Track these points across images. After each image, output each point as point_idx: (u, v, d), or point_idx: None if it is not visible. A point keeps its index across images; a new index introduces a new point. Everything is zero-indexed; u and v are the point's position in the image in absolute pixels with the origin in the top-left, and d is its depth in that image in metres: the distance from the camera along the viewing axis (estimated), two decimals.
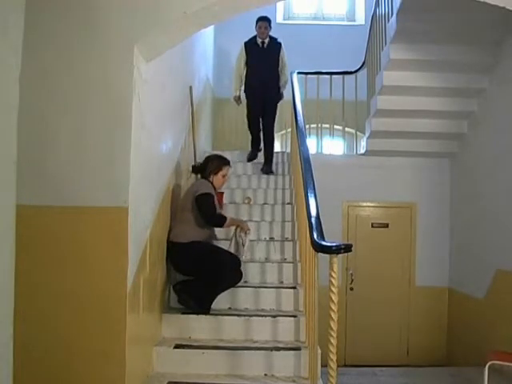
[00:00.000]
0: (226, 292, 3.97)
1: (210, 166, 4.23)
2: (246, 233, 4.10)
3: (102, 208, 2.72)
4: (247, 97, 6.31)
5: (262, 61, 6.15)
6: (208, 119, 7.35)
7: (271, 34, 6.26)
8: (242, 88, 6.35)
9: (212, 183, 4.18)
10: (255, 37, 6.24)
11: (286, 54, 6.25)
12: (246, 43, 6.29)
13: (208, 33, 7.06)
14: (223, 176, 4.24)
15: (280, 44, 6.24)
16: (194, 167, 4.48)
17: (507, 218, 5.04)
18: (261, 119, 6.26)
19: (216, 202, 4.11)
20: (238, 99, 6.40)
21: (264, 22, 6.15)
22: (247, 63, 6.26)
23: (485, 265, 5.49)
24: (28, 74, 2.70)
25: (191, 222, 3.98)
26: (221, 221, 4.05)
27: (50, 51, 2.74)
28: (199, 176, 4.36)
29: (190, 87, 5.07)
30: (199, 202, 3.96)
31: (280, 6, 8.50)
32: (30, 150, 2.70)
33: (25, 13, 2.69)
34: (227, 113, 7.99)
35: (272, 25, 6.25)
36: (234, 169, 6.25)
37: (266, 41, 6.20)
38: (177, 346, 3.51)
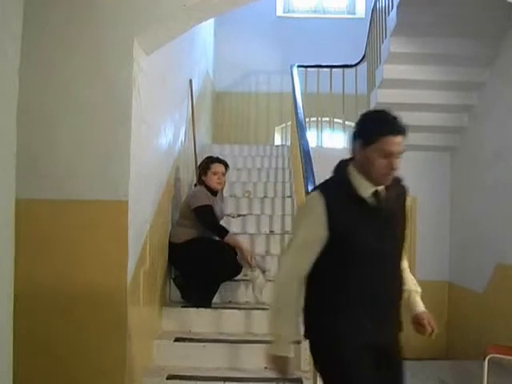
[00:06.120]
0: (226, 286, 3.98)
1: (200, 168, 4.22)
2: (249, 262, 3.81)
3: (102, 202, 2.71)
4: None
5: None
6: (208, 113, 7.33)
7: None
8: None
9: (207, 185, 4.11)
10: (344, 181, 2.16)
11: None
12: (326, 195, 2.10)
13: (208, 26, 7.03)
14: (214, 174, 4.10)
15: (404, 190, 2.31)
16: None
17: (508, 212, 5.03)
18: None
19: (217, 208, 4.08)
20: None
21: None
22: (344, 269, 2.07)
23: (485, 259, 5.49)
24: (26, 66, 2.68)
25: (188, 225, 3.98)
26: (222, 233, 3.95)
27: (49, 44, 2.72)
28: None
29: (190, 80, 5.06)
30: (199, 216, 3.94)
31: None
32: (29, 143, 2.69)
33: (23, 5, 2.67)
34: (227, 106, 7.97)
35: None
36: (233, 163, 6.28)
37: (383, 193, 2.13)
38: (177, 340, 3.52)
